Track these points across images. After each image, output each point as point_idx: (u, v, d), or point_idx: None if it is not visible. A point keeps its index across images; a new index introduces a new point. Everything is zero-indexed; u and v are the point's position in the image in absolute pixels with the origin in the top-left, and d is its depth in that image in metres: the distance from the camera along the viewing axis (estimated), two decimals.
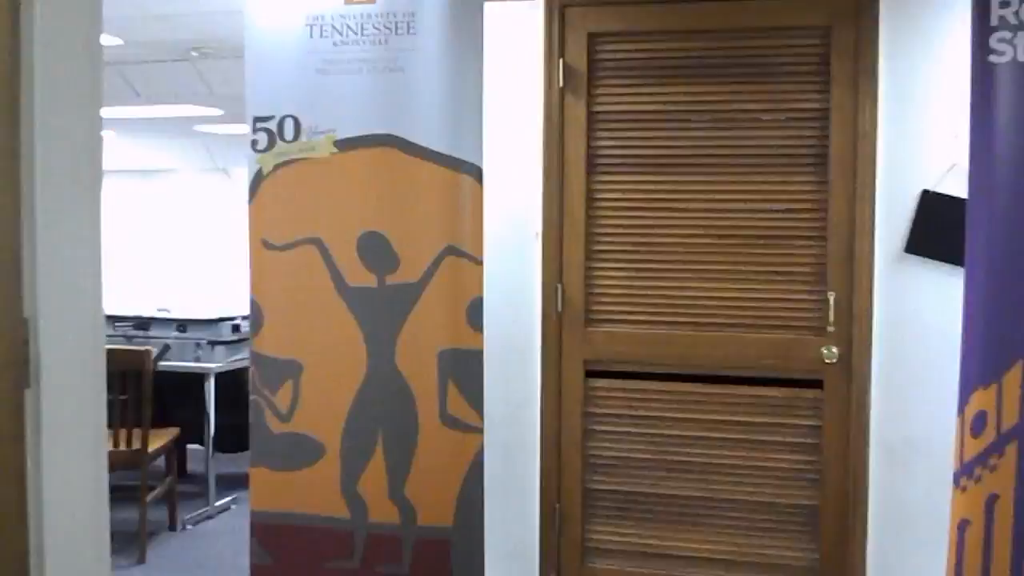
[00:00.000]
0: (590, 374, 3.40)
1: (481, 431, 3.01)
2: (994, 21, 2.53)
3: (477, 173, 2.98)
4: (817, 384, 3.24)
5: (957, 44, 2.93)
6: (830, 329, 3.20)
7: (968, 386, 2.60)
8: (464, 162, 2.97)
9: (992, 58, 2.54)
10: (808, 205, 3.22)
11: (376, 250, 3.01)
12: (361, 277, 3.02)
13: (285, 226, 3.08)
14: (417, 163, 2.98)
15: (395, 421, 3.01)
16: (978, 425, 2.58)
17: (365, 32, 3.02)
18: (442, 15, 2.97)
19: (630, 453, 3.39)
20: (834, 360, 3.20)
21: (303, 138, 3.06)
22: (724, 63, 3.27)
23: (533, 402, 3.43)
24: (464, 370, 2.99)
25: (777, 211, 3.25)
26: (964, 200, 2.63)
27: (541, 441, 3.43)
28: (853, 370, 3.19)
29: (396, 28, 3.00)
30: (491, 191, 3.22)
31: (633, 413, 3.38)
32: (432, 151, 2.97)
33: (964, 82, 2.59)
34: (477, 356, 3.00)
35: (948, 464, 2.79)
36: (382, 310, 3.01)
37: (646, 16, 3.31)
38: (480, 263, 3.00)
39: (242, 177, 3.19)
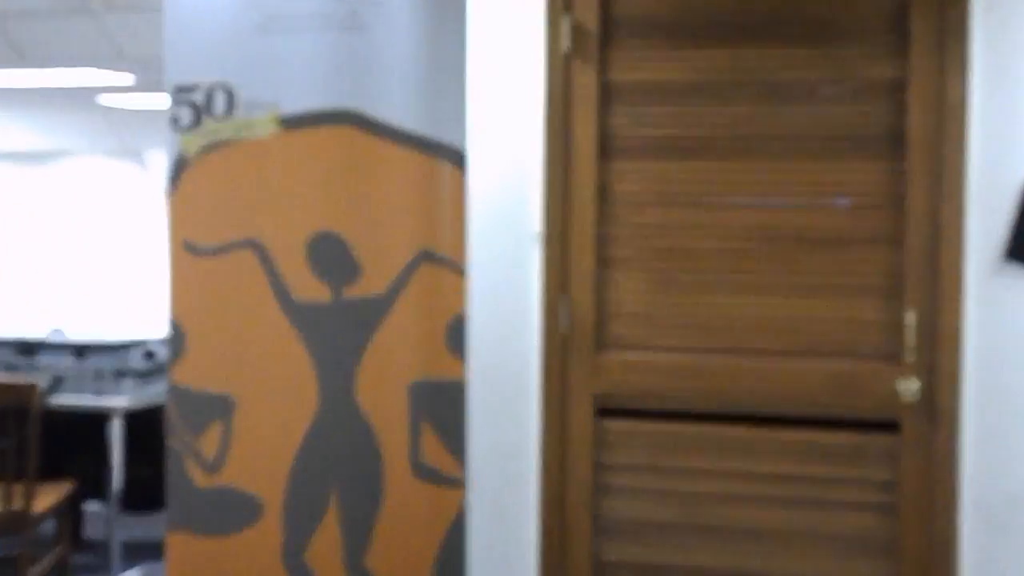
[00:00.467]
0: (603, 413, 3.42)
1: (463, 485, 3.02)
2: None
3: (459, 159, 3.00)
4: (892, 427, 3.26)
5: None
6: (908, 358, 3.23)
7: None
8: (442, 145, 2.99)
9: None
10: (879, 200, 3.25)
11: (331, 256, 3.03)
12: (311, 290, 3.04)
13: (214, 225, 3.09)
14: (383, 146, 3.00)
15: (354, 472, 3.02)
16: None
17: None
18: None
19: (653, 514, 3.39)
20: (914, 397, 3.22)
21: (238, 114, 3.08)
22: (772, 21, 3.28)
23: (530, 449, 3.44)
24: (442, 407, 3.01)
25: (840, 208, 3.28)
26: None
27: (540, 498, 3.43)
28: (938, 410, 3.22)
29: None
30: (477, 182, 3.26)
31: (657, 463, 3.39)
32: (402, 131, 2.99)
33: None
34: (458, 390, 3.02)
35: None
36: (338, 332, 3.03)
37: None
38: (463, 272, 3.02)
39: (159, 163, 3.21)
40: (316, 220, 3.03)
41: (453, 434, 3.02)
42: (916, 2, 3.20)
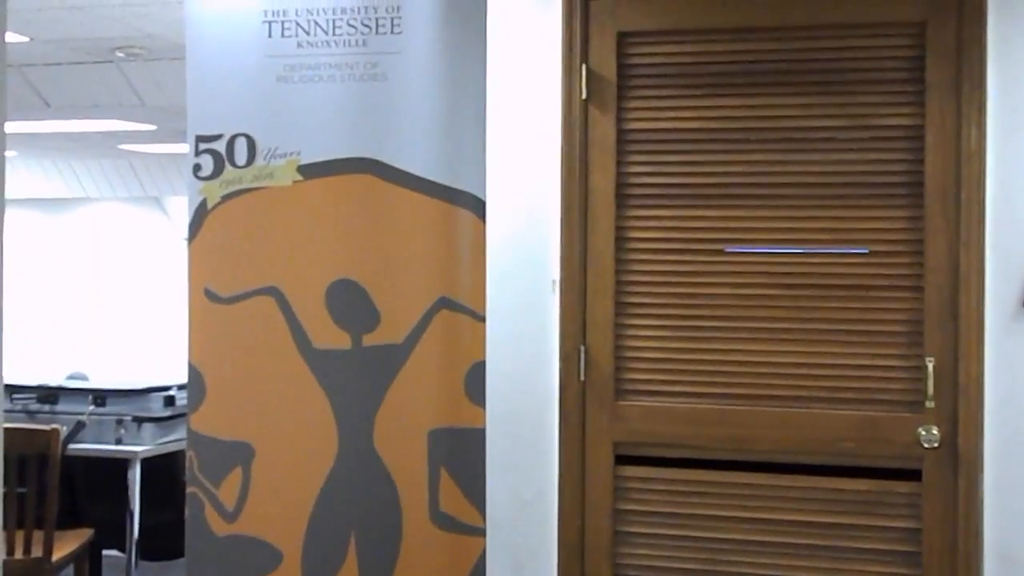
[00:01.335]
0: (621, 460, 3.40)
1: (483, 533, 3.01)
2: None
3: (478, 207, 3.01)
4: (914, 475, 3.22)
5: None
6: (929, 404, 3.19)
7: None
8: (462, 193, 3.01)
9: None
10: (899, 247, 3.24)
11: (350, 303, 3.04)
12: (331, 337, 3.05)
13: (235, 273, 3.11)
14: (402, 194, 3.02)
15: (373, 520, 3.02)
16: None
17: (338, 31, 3.08)
18: (435, 11, 3.03)
19: (672, 563, 3.36)
20: (935, 444, 3.19)
21: (259, 162, 3.10)
22: (789, 70, 3.30)
23: (549, 496, 3.42)
24: (461, 455, 3.00)
25: (859, 255, 3.27)
26: None
27: (559, 546, 3.41)
28: (960, 457, 3.18)
29: (377, 26, 3.06)
30: (496, 229, 3.24)
31: (676, 511, 3.36)
32: (421, 179, 3.01)
33: None
34: (478, 437, 3.01)
35: None
36: (358, 379, 3.03)
37: (691, 10, 3.36)
38: (482, 320, 3.03)
39: (180, 210, 3.24)
40: (336, 267, 3.05)
41: (472, 482, 3.02)
42: (932, 50, 3.21)
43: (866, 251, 3.26)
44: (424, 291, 3.02)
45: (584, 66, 3.40)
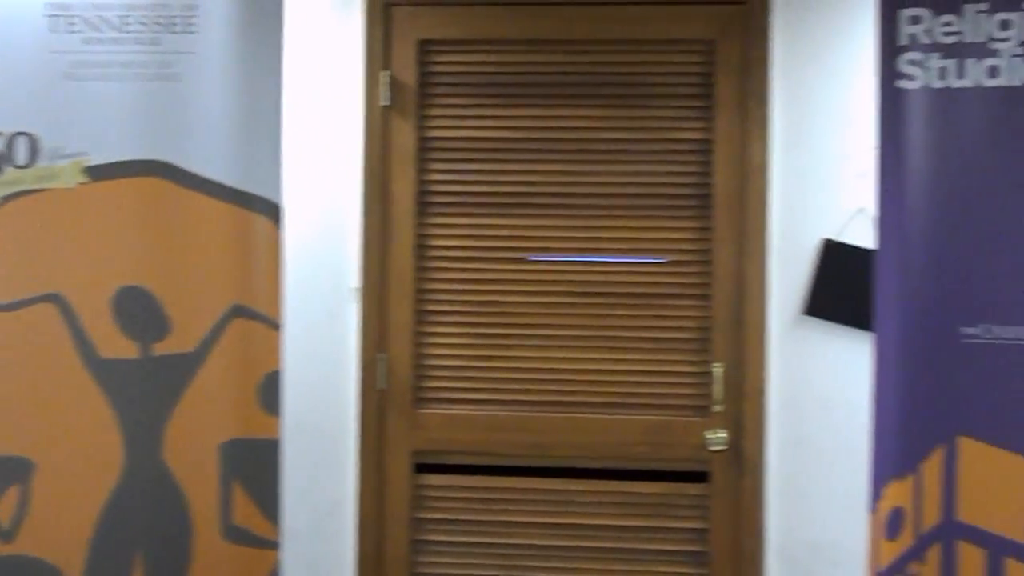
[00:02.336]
0: (421, 468, 3.38)
1: (277, 546, 2.92)
2: (903, 40, 2.70)
3: (274, 212, 2.93)
4: (702, 477, 3.30)
5: (863, 65, 3.09)
6: (716, 409, 3.28)
7: (881, 478, 2.72)
8: (257, 198, 2.92)
9: (901, 83, 2.70)
10: (689, 257, 3.31)
11: (138, 311, 2.91)
12: (117, 347, 2.91)
13: (13, 278, 2.93)
14: (195, 198, 2.91)
15: (160, 536, 2.89)
16: (894, 525, 2.69)
17: (128, 28, 2.95)
18: (231, 11, 2.94)
19: (472, 570, 3.35)
20: (722, 447, 3.28)
21: (42, 163, 2.95)
22: (587, 82, 3.34)
23: (347, 507, 3.38)
24: (255, 467, 2.91)
25: (651, 264, 3.33)
26: (872, 251, 2.77)
27: (357, 557, 3.37)
28: (744, 459, 3.28)
29: (171, 25, 2.95)
30: (293, 235, 3.20)
31: (475, 518, 3.36)
32: (215, 183, 2.90)
33: (871, 110, 2.75)
34: (272, 448, 2.92)
35: (862, 574, 2.89)
36: (146, 390, 2.90)
37: (492, 20, 3.37)
38: (278, 328, 2.94)
39: None
40: (123, 273, 2.91)
41: (266, 494, 2.92)
42: (720, 68, 3.30)
43: (663, 260, 3.33)
44: (217, 298, 2.91)
45: (385, 73, 3.37)
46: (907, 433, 2.69)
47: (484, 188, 3.37)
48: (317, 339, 3.37)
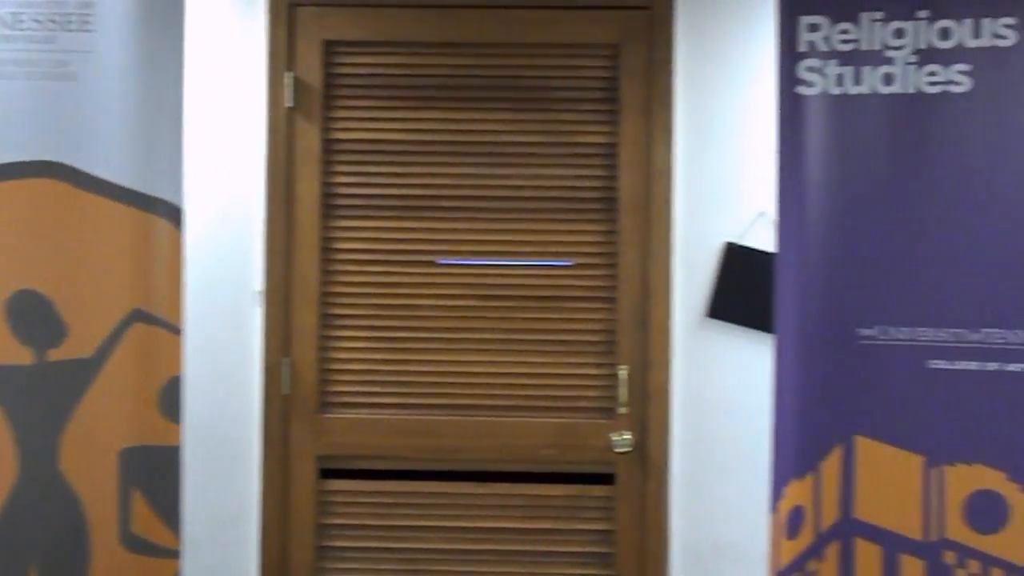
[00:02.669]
0: (326, 474, 3.35)
1: (177, 555, 2.87)
2: (802, 47, 2.75)
3: (175, 215, 2.88)
4: (607, 479, 3.33)
5: (764, 71, 3.12)
6: (621, 411, 3.31)
7: (781, 477, 2.76)
8: (157, 200, 2.87)
9: (801, 89, 2.76)
10: (596, 260, 3.33)
11: (33, 315, 2.84)
12: (10, 352, 2.83)
13: None
14: (92, 200, 2.85)
15: (56, 546, 2.82)
16: (794, 523, 2.73)
17: (22, 25, 2.88)
18: (129, 9, 2.89)
19: (378, 575, 3.34)
20: (627, 449, 3.30)
21: None
22: (493, 85, 3.34)
23: (250, 514, 3.34)
24: (155, 475, 2.86)
25: (558, 267, 3.34)
26: (773, 255, 2.81)
27: (260, 565, 3.34)
28: (650, 460, 3.31)
29: (66, 23, 2.89)
30: (195, 239, 3.16)
31: (381, 523, 3.34)
32: (113, 185, 2.85)
33: (772, 115, 2.80)
34: (173, 455, 2.87)
35: (763, 572, 2.93)
36: (41, 396, 2.83)
37: (398, 22, 3.35)
38: (179, 332, 2.89)
39: None
40: (16, 277, 2.84)
41: (166, 502, 2.87)
42: (625, 72, 3.32)
43: (569, 263, 3.34)
44: (115, 303, 2.85)
45: (290, 74, 3.34)
46: (806, 433, 2.74)
47: (391, 191, 3.35)
48: (220, 344, 3.33)
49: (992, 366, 2.62)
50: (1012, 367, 2.60)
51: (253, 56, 3.35)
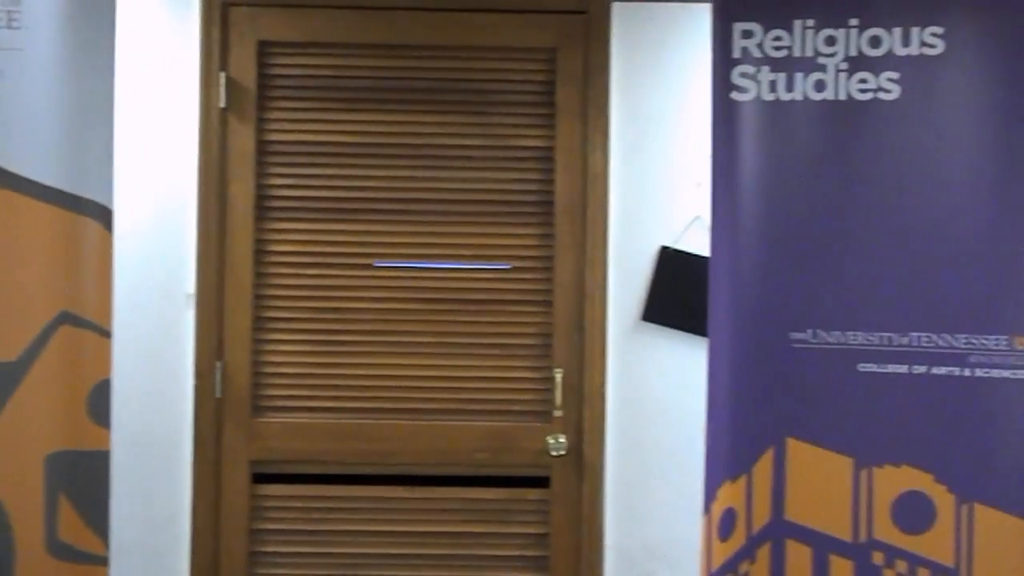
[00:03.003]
0: (259, 478, 3.32)
1: (106, 562, 2.83)
2: (736, 53, 2.78)
3: (104, 216, 2.84)
4: (543, 482, 3.33)
5: (699, 76, 3.15)
6: (557, 414, 3.31)
7: (714, 480, 2.78)
8: (86, 201, 2.82)
9: (735, 95, 2.78)
10: (533, 263, 3.34)
11: None
12: None
13: None
14: (18, 200, 2.79)
15: None
16: (726, 526, 2.76)
17: None
18: (59, 7, 2.84)
19: None
20: (562, 452, 3.31)
21: None
22: (430, 88, 3.34)
23: (181, 519, 3.30)
24: (83, 480, 2.80)
25: (494, 270, 3.34)
26: (708, 259, 2.84)
27: (191, 571, 3.30)
28: (584, 463, 3.31)
29: None
30: (124, 240, 3.12)
31: (315, 528, 3.32)
32: (40, 185, 2.79)
33: (707, 121, 2.82)
34: (102, 460, 2.83)
35: (696, 574, 2.96)
36: None
37: (334, 23, 3.33)
38: (108, 335, 2.85)
39: None
40: None
41: (94, 508, 2.82)
42: (561, 76, 3.33)
43: (507, 266, 3.35)
44: (42, 305, 2.80)
45: (223, 74, 3.31)
46: (739, 435, 2.76)
47: (326, 193, 3.33)
48: (151, 347, 3.29)
49: (920, 369, 2.66)
50: (938, 370, 2.65)
51: (186, 56, 3.32)
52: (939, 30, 2.67)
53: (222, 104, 3.30)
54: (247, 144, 3.31)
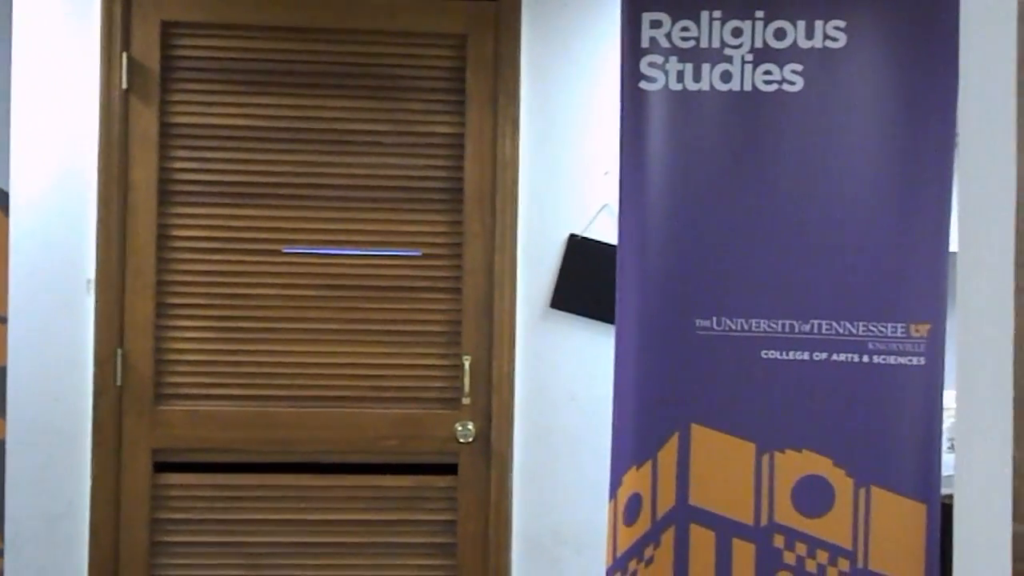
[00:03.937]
0: (161, 467, 3.28)
1: (1, 554, 2.77)
2: (645, 43, 2.81)
3: (1, 199, 2.78)
4: (451, 469, 3.34)
5: (609, 66, 3.18)
6: (465, 401, 3.32)
7: (620, 465, 2.82)
8: None
9: (643, 84, 2.81)
10: (440, 250, 3.34)
11: None
12: None
13: None
14: None
15: None
16: (632, 511, 2.79)
17: None
18: None
19: (214, 571, 3.27)
20: (470, 439, 3.32)
21: None
22: (338, 72, 3.31)
23: (80, 510, 3.24)
24: None
25: (404, 257, 3.33)
26: (615, 247, 2.87)
27: (90, 563, 3.24)
28: (492, 450, 3.33)
29: None
30: (22, 224, 3.06)
31: (219, 517, 3.28)
32: None
33: (616, 110, 2.84)
34: None
35: (603, 558, 2.99)
36: None
37: (239, 5, 3.28)
38: (4, 321, 2.78)
39: None
40: None
41: None
42: (472, 63, 3.33)
43: (417, 253, 3.34)
44: None
45: (125, 54, 3.24)
46: (645, 421, 2.80)
47: (231, 177, 3.29)
48: (49, 334, 3.22)
49: (820, 356, 2.72)
50: (838, 357, 2.71)
51: (87, 35, 3.24)
52: (841, 24, 2.73)
53: (124, 85, 3.23)
54: (150, 126, 3.25)
